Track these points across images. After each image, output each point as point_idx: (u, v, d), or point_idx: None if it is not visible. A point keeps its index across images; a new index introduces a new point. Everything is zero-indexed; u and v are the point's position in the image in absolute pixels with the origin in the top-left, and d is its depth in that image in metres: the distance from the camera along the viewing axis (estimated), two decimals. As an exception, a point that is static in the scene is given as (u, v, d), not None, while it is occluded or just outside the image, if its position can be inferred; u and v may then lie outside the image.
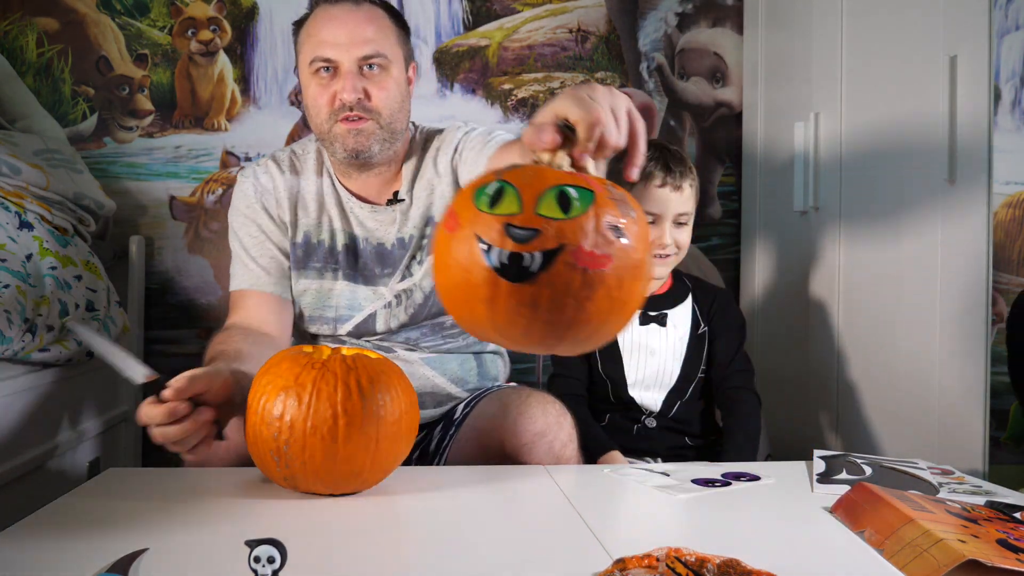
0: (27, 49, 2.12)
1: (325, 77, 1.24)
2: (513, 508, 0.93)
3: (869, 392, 1.67)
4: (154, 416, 0.89)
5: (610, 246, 0.66)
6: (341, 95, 1.23)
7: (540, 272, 0.64)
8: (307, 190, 1.34)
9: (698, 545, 0.74)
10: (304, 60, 1.26)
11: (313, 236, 1.33)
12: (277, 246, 1.33)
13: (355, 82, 1.23)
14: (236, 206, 1.35)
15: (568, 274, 0.64)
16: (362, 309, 1.34)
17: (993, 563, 0.71)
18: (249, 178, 1.35)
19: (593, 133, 0.71)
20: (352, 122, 1.24)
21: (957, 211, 1.45)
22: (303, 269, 1.34)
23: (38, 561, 0.75)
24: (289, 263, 1.34)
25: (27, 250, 1.56)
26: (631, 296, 0.68)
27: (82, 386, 1.71)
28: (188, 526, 0.85)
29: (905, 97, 1.57)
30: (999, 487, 1.06)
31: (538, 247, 0.64)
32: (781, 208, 2.01)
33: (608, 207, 0.67)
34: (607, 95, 0.75)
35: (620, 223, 0.67)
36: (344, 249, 1.33)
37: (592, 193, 0.67)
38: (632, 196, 0.73)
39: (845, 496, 0.94)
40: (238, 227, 1.34)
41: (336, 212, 1.33)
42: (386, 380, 0.96)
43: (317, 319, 1.35)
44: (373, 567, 0.75)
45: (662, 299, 1.54)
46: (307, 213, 1.34)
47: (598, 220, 0.66)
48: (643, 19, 2.25)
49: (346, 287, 1.33)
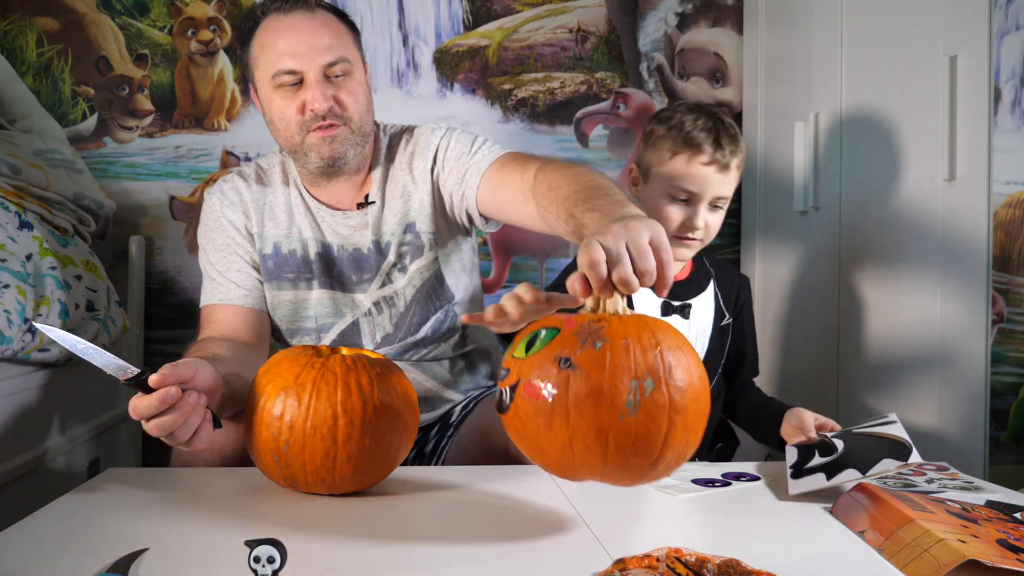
0: (27, 49, 2.12)
1: (290, 89, 1.22)
2: (513, 508, 0.93)
3: (869, 392, 1.67)
4: (145, 407, 0.86)
5: (554, 377, 0.73)
6: (312, 105, 1.21)
7: (510, 404, 0.76)
8: (275, 202, 1.33)
9: (698, 545, 0.74)
10: (263, 74, 1.23)
11: (284, 247, 1.31)
12: (246, 258, 1.31)
13: (324, 90, 1.21)
14: (204, 222, 1.34)
15: (522, 404, 0.75)
16: (343, 316, 1.32)
17: (993, 563, 0.71)
18: (215, 194, 1.33)
19: (597, 272, 0.74)
20: (325, 130, 1.22)
21: (957, 211, 1.45)
22: (276, 280, 1.32)
23: (38, 561, 0.75)
24: (260, 275, 1.32)
25: (27, 250, 1.56)
26: (591, 418, 0.72)
27: (82, 386, 1.71)
28: (188, 526, 0.85)
29: (905, 97, 1.57)
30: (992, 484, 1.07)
31: (506, 383, 0.77)
32: (781, 208, 2.01)
33: (566, 343, 0.74)
34: (623, 231, 0.76)
35: (572, 355, 0.73)
36: (317, 257, 1.31)
37: (557, 331, 0.76)
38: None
39: (845, 496, 0.94)
40: (205, 242, 1.33)
41: (306, 222, 1.32)
42: (386, 380, 0.96)
43: (296, 331, 1.33)
44: (373, 567, 0.75)
45: (684, 287, 1.41)
46: (276, 224, 1.32)
47: (548, 355, 0.74)
48: (643, 19, 2.25)
49: (324, 295, 1.32)
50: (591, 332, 0.74)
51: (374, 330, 1.33)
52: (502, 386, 0.78)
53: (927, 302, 1.51)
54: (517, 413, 0.76)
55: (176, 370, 0.89)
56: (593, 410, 0.72)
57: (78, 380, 1.68)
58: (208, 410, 0.92)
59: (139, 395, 0.88)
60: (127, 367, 0.88)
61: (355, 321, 1.33)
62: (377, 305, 1.32)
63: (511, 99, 2.22)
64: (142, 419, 0.88)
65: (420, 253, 1.32)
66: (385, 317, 1.32)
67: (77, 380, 1.68)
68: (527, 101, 2.22)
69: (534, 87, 2.23)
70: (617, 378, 0.72)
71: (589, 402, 0.72)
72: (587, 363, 0.73)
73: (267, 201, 1.33)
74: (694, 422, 0.75)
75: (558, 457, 0.75)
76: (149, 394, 0.87)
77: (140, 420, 0.88)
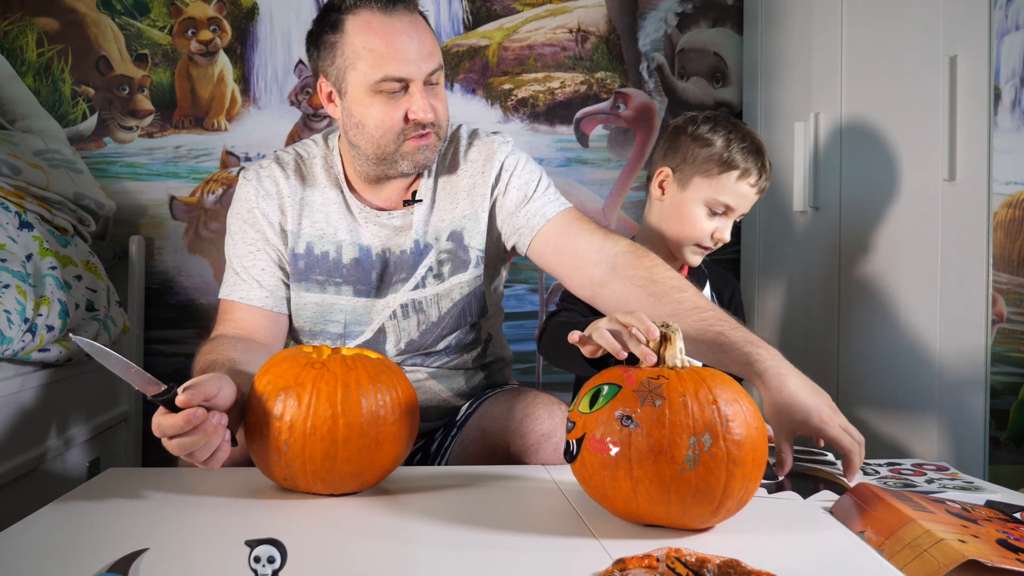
0: (27, 49, 2.12)
1: (392, 96, 1.16)
2: (513, 508, 0.93)
3: (869, 392, 1.67)
4: (170, 427, 0.85)
5: (616, 433, 0.80)
6: (418, 115, 1.16)
7: (577, 455, 0.84)
8: (313, 199, 1.27)
9: (698, 545, 0.74)
10: (362, 77, 1.16)
11: (316, 247, 1.26)
12: (274, 257, 1.26)
13: (428, 99, 1.17)
14: (236, 210, 1.27)
15: (588, 456, 0.82)
16: (371, 323, 1.28)
17: (993, 563, 0.71)
18: (251, 180, 1.27)
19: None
20: (420, 138, 1.19)
21: (957, 211, 1.45)
22: (304, 281, 1.27)
23: (38, 561, 0.75)
24: (287, 274, 1.28)
25: (27, 250, 1.56)
26: (652, 473, 0.79)
27: (82, 386, 1.72)
28: (188, 526, 0.85)
29: (905, 97, 1.57)
30: (992, 484, 1.06)
31: (573, 435, 0.84)
32: (781, 208, 2.01)
33: (627, 400, 0.81)
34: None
35: (633, 413, 0.80)
36: (353, 263, 1.26)
37: (619, 388, 0.83)
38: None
39: (845, 496, 0.94)
40: (235, 231, 1.27)
41: (344, 223, 1.26)
42: (386, 380, 0.96)
43: (319, 334, 1.29)
44: (373, 567, 0.75)
45: None
46: (312, 223, 1.26)
47: (610, 412, 0.81)
48: (643, 19, 2.26)
49: (354, 302, 1.27)
50: (651, 390, 0.81)
51: (399, 335, 1.28)
52: (569, 438, 0.85)
53: (927, 302, 1.51)
54: (584, 464, 0.83)
55: (201, 389, 0.88)
56: (655, 466, 0.78)
57: (78, 380, 1.68)
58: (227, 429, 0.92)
59: (164, 412, 0.87)
60: (156, 382, 0.87)
61: (381, 327, 1.28)
62: (404, 308, 1.28)
63: (511, 99, 2.22)
64: (164, 436, 0.87)
65: (464, 268, 1.28)
66: (412, 323, 1.28)
67: (77, 380, 1.68)
68: (527, 101, 2.22)
69: (534, 87, 2.23)
70: (677, 435, 0.78)
71: (651, 458, 0.78)
72: (647, 421, 0.79)
73: (305, 197, 1.27)
74: (752, 471, 0.81)
75: (623, 505, 0.82)
76: (173, 412, 0.86)
77: (162, 437, 0.87)
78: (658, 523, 0.83)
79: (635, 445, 0.79)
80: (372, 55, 1.14)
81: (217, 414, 0.89)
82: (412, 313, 1.28)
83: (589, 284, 1.20)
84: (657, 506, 0.80)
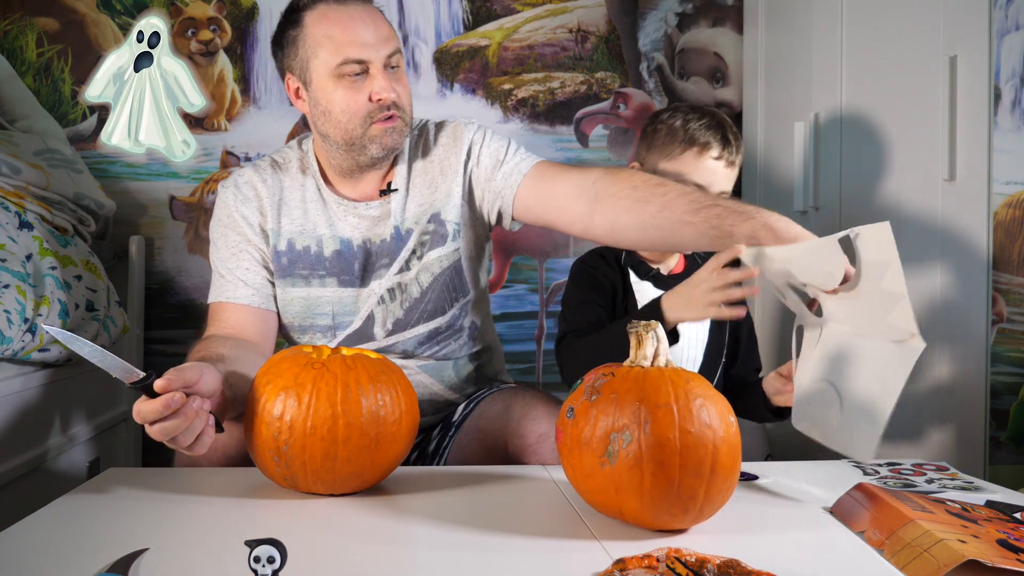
0: (27, 49, 2.12)
1: (354, 80, 1.21)
2: (513, 508, 0.93)
3: (869, 392, 1.67)
4: (150, 412, 0.86)
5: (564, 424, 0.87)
6: (380, 95, 1.21)
7: None
8: (291, 197, 1.31)
9: (698, 545, 0.74)
10: (323, 65, 1.21)
11: (298, 242, 1.29)
12: (257, 257, 1.29)
13: (388, 80, 1.22)
14: (217, 217, 1.31)
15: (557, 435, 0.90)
16: (359, 313, 1.31)
17: (993, 563, 0.71)
18: (229, 188, 1.31)
19: None
20: (387, 121, 1.23)
21: (957, 211, 1.45)
22: (288, 277, 1.29)
23: (38, 561, 0.75)
24: (271, 272, 1.30)
25: (27, 250, 1.56)
26: (577, 463, 0.85)
27: (82, 386, 1.72)
28: (188, 526, 0.85)
29: (905, 97, 1.58)
30: (992, 484, 1.06)
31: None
32: (781, 208, 1.99)
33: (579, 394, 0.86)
34: None
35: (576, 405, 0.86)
36: (335, 255, 1.29)
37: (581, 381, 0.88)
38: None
39: (845, 496, 0.94)
40: (217, 238, 1.31)
41: (322, 218, 1.30)
42: (386, 380, 0.96)
43: (308, 328, 1.31)
44: (373, 567, 0.75)
45: (679, 279, 1.41)
46: (291, 219, 1.30)
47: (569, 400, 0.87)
48: (643, 19, 2.26)
49: (340, 292, 1.30)
50: (594, 385, 0.85)
51: (386, 317, 1.31)
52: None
53: (927, 302, 1.51)
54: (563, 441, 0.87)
55: (181, 375, 0.89)
56: (580, 457, 0.83)
57: (78, 380, 1.68)
58: (211, 415, 0.92)
59: (143, 399, 0.88)
60: (133, 370, 0.88)
61: (370, 314, 1.31)
62: (391, 292, 1.30)
63: (511, 99, 2.22)
64: (146, 423, 0.88)
65: (442, 242, 1.30)
66: (397, 304, 1.31)
67: (77, 380, 1.68)
68: (527, 101, 2.22)
69: (534, 87, 2.23)
70: (598, 429, 0.82)
71: (578, 449, 0.83)
72: (581, 414, 0.84)
73: (283, 195, 1.31)
74: (679, 476, 0.79)
75: (583, 495, 0.87)
76: (154, 398, 0.87)
77: (144, 424, 0.88)
78: (610, 515, 0.86)
79: (570, 435, 0.84)
80: (331, 42, 1.20)
81: (198, 399, 0.90)
82: (398, 294, 1.31)
83: (579, 218, 1.23)
84: (595, 496, 0.85)
